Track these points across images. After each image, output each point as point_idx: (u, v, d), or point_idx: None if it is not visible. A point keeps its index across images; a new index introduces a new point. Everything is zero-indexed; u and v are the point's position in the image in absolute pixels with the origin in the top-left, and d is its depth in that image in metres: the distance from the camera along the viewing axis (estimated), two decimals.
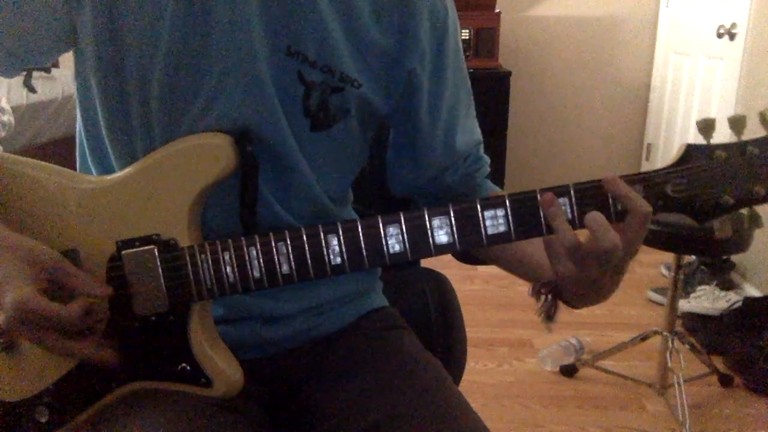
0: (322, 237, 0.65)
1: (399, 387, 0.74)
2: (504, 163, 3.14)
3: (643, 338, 1.94)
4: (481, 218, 0.63)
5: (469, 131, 0.84)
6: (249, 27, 0.67)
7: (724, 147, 0.60)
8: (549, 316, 0.69)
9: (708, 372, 1.93)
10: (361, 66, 0.72)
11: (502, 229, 0.63)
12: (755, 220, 0.62)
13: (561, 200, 0.61)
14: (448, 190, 0.84)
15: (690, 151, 0.61)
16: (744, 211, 0.61)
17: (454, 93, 0.80)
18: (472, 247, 0.64)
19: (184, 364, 0.67)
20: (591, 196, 0.61)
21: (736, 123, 0.60)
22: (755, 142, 0.60)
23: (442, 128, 0.80)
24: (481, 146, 0.86)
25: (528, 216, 0.62)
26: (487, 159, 0.87)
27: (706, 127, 0.61)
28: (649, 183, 0.61)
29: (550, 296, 0.68)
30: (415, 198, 0.88)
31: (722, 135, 0.61)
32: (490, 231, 0.63)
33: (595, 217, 0.59)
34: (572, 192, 0.61)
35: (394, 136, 0.84)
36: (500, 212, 0.63)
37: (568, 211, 0.61)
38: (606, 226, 0.59)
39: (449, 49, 0.77)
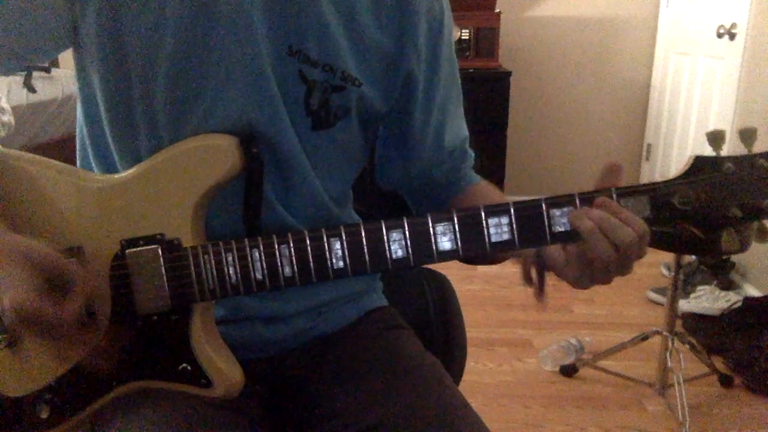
0: (325, 240, 0.65)
1: (399, 387, 0.74)
2: (504, 163, 3.14)
3: (643, 338, 1.94)
4: (485, 225, 0.63)
5: (457, 128, 0.85)
6: (252, 27, 0.67)
7: (734, 159, 0.60)
8: (541, 291, 0.68)
9: (708, 372, 1.93)
10: (362, 65, 0.73)
11: (505, 237, 0.63)
12: (763, 234, 0.61)
13: (566, 209, 0.61)
14: (433, 183, 0.86)
15: (699, 162, 0.60)
16: (751, 224, 0.61)
17: (445, 91, 0.81)
18: (475, 254, 0.64)
19: (184, 364, 0.67)
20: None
21: (747, 135, 0.60)
22: (765, 155, 0.59)
23: (433, 126, 0.81)
24: (467, 141, 0.87)
25: (532, 224, 0.62)
26: (472, 153, 0.88)
27: (716, 138, 0.60)
28: (656, 194, 0.61)
29: (539, 274, 0.68)
30: (401, 191, 0.90)
31: (731, 145, 0.61)
32: (493, 238, 0.63)
33: (587, 224, 0.60)
34: (578, 201, 0.62)
35: (384, 132, 0.85)
36: (504, 220, 0.63)
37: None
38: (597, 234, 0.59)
39: (444, 49, 0.78)
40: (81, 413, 0.68)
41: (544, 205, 0.62)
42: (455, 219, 0.63)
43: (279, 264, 0.65)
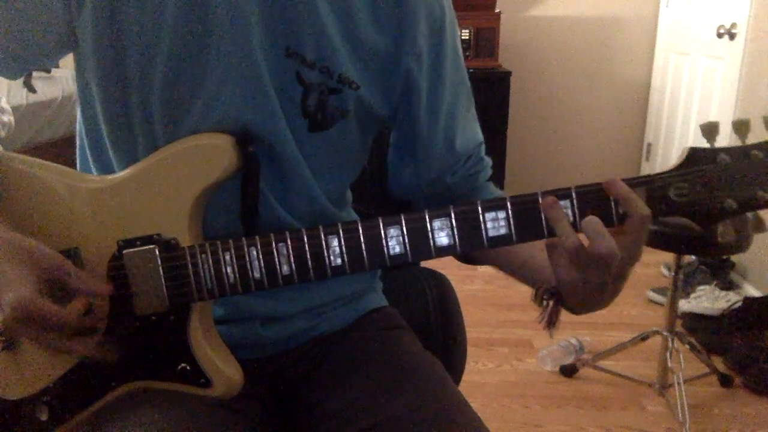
0: (323, 238, 0.65)
1: (399, 387, 0.74)
2: (504, 163, 3.14)
3: (643, 338, 1.94)
4: (482, 220, 0.63)
5: (470, 132, 0.83)
6: (249, 28, 0.67)
7: (728, 151, 0.60)
8: (551, 322, 0.68)
9: (708, 372, 1.93)
10: (360, 67, 0.72)
11: (503, 231, 0.63)
12: (759, 225, 0.61)
13: (563, 203, 0.60)
14: (448, 192, 0.84)
15: (693, 154, 0.60)
16: (748, 215, 0.61)
17: (452, 93, 0.79)
18: (472, 249, 0.64)
19: (183, 364, 0.67)
20: (593, 198, 0.61)
21: (740, 127, 0.60)
22: (759, 146, 0.59)
23: (442, 128, 0.80)
24: (483, 147, 0.85)
25: (529, 218, 0.62)
26: (488, 161, 0.86)
27: (710, 130, 0.60)
28: (652, 186, 0.60)
29: (551, 302, 0.68)
30: (415, 200, 0.88)
31: (725, 138, 0.61)
32: (491, 233, 0.63)
33: (591, 220, 0.58)
34: (574, 195, 0.61)
35: (395, 137, 0.83)
36: (501, 214, 0.62)
37: (570, 213, 0.60)
38: (602, 230, 0.58)
39: (447, 49, 0.77)
40: (80, 415, 0.68)
41: (540, 198, 0.62)
42: (452, 214, 0.63)
43: (277, 262, 0.65)
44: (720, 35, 2.62)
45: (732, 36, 2.56)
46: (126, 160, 0.71)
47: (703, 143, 0.62)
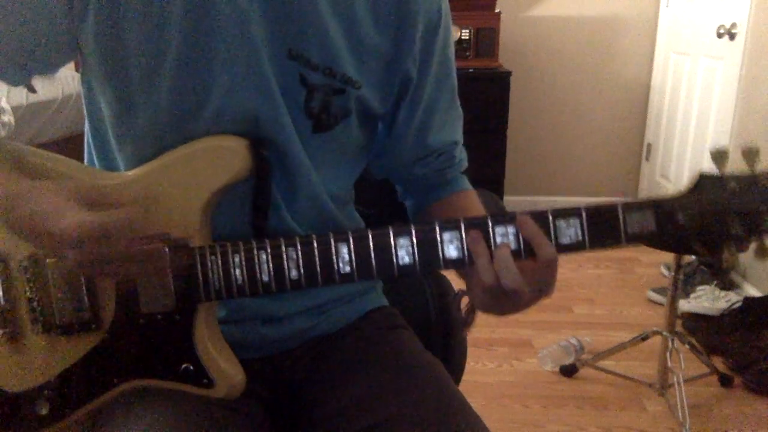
0: (333, 245, 0.65)
1: (399, 387, 0.74)
2: (504, 163, 3.13)
3: (643, 338, 1.94)
4: (491, 234, 0.64)
5: (447, 129, 0.84)
6: (252, 31, 0.67)
7: (737, 178, 0.61)
8: (467, 323, 0.71)
9: (708, 372, 1.93)
10: (361, 67, 0.73)
11: (512, 247, 0.64)
12: (762, 252, 0.62)
13: (572, 220, 0.63)
14: (418, 180, 0.86)
15: (702, 180, 0.62)
16: (753, 242, 0.62)
17: (435, 88, 0.80)
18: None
19: (187, 364, 0.67)
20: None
21: (749, 154, 0.61)
22: (767, 174, 0.61)
23: (417, 121, 0.81)
24: (458, 147, 0.87)
25: (529, 236, 0.64)
26: (462, 158, 0.88)
27: (720, 156, 0.61)
28: (660, 209, 0.62)
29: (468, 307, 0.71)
30: (392, 181, 0.91)
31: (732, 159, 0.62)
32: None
33: (502, 255, 0.62)
34: (583, 213, 0.63)
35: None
36: (511, 229, 0.64)
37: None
38: (510, 266, 0.62)
39: (437, 47, 0.78)
40: (80, 411, 0.68)
41: (550, 216, 0.63)
42: (462, 227, 0.64)
43: (285, 267, 0.66)
44: (720, 35, 2.62)
45: (732, 36, 2.56)
46: (134, 163, 0.71)
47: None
